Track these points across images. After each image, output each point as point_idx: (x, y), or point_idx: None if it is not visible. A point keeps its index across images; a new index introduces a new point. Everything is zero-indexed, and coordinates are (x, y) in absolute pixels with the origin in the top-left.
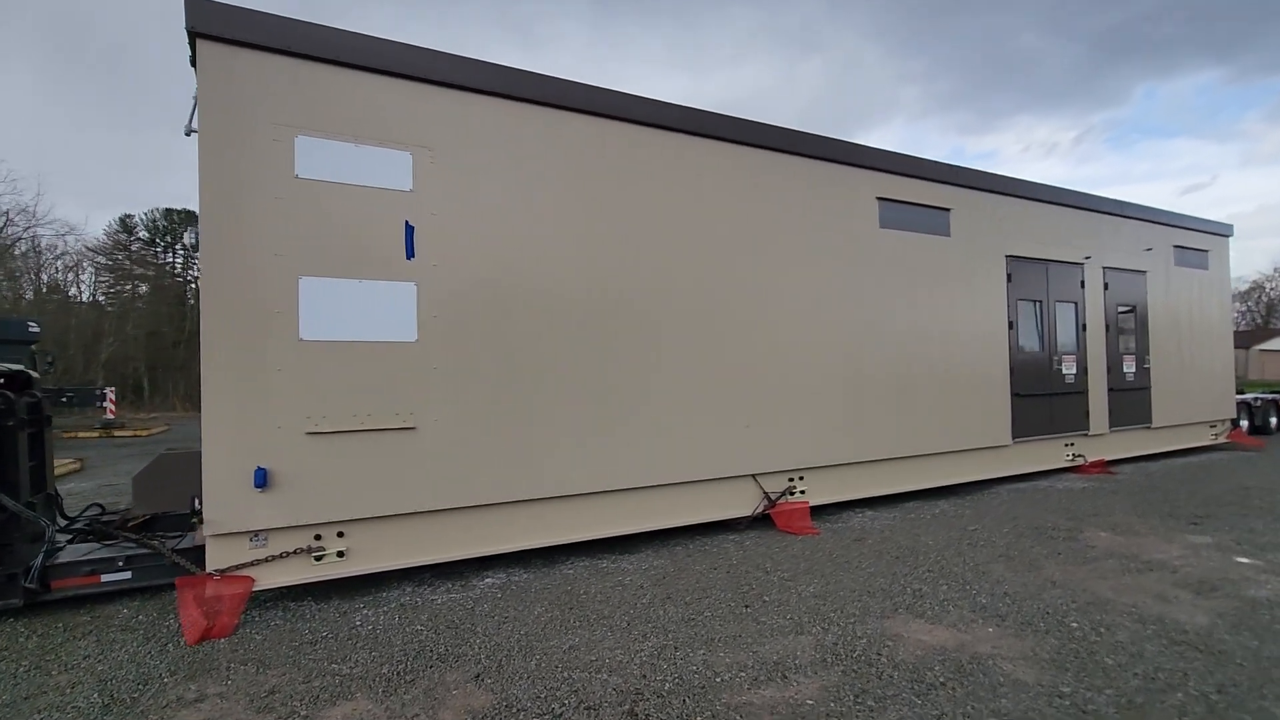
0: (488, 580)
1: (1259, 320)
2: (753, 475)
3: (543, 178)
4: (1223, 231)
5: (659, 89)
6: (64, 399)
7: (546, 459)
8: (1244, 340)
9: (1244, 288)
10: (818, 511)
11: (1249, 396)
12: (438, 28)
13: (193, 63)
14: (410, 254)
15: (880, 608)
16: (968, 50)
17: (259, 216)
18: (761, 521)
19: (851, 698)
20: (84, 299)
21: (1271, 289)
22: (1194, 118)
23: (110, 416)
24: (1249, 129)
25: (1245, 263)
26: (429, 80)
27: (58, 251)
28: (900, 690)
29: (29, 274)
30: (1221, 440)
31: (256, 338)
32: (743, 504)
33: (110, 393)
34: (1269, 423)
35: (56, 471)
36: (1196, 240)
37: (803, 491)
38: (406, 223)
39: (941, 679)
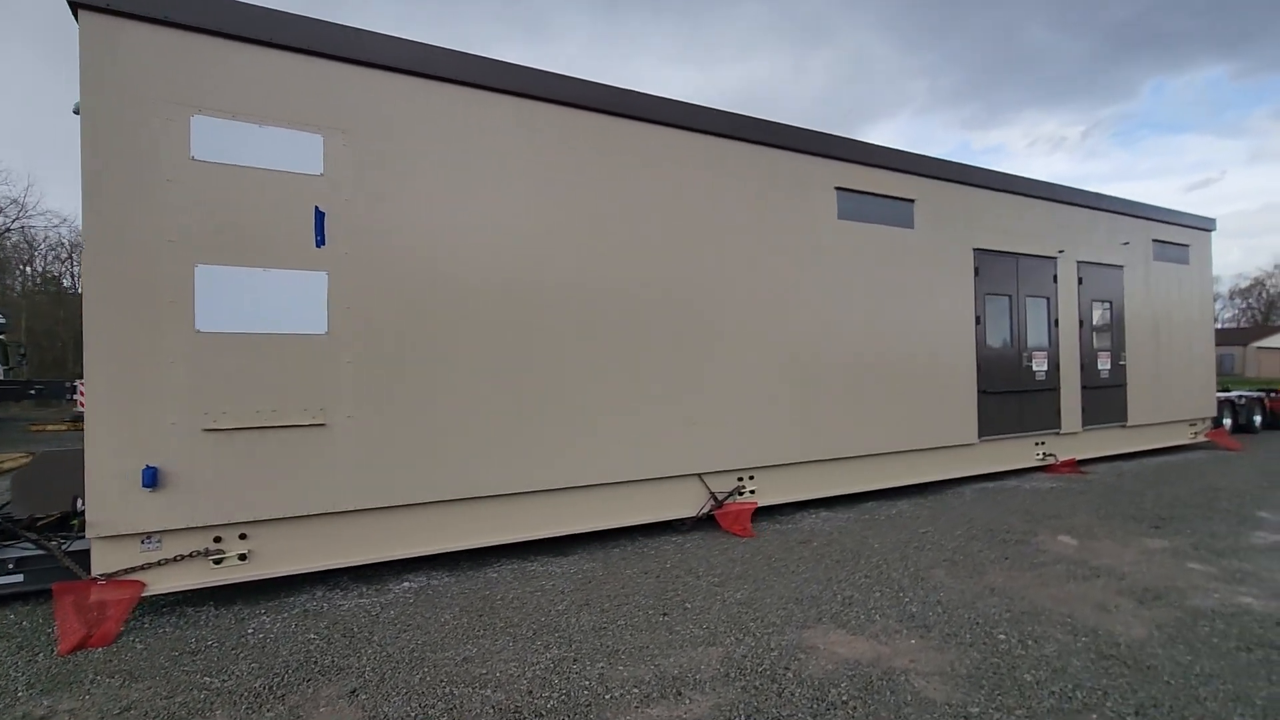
0: (405, 584)
1: (1258, 318)
2: (698, 475)
3: (466, 163)
4: (1204, 226)
5: (665, 83)
6: (33, 391)
7: (472, 458)
8: (1242, 337)
9: (1245, 284)
10: (770, 512)
11: (1233, 394)
12: (438, 23)
13: None
14: (321, 242)
15: (804, 616)
16: (976, 44)
17: (149, 201)
18: (708, 522)
19: (743, 718)
20: (76, 290)
21: (1272, 286)
22: (1202, 113)
23: (80, 409)
24: (1257, 125)
25: (1248, 260)
26: (341, 58)
27: (50, 243)
28: (797, 710)
29: (19, 265)
30: (1201, 439)
31: (146, 330)
32: (688, 504)
33: (80, 385)
34: (1253, 421)
35: (3, 465)
36: (1176, 234)
37: (752, 491)
38: (317, 209)
39: (845, 697)
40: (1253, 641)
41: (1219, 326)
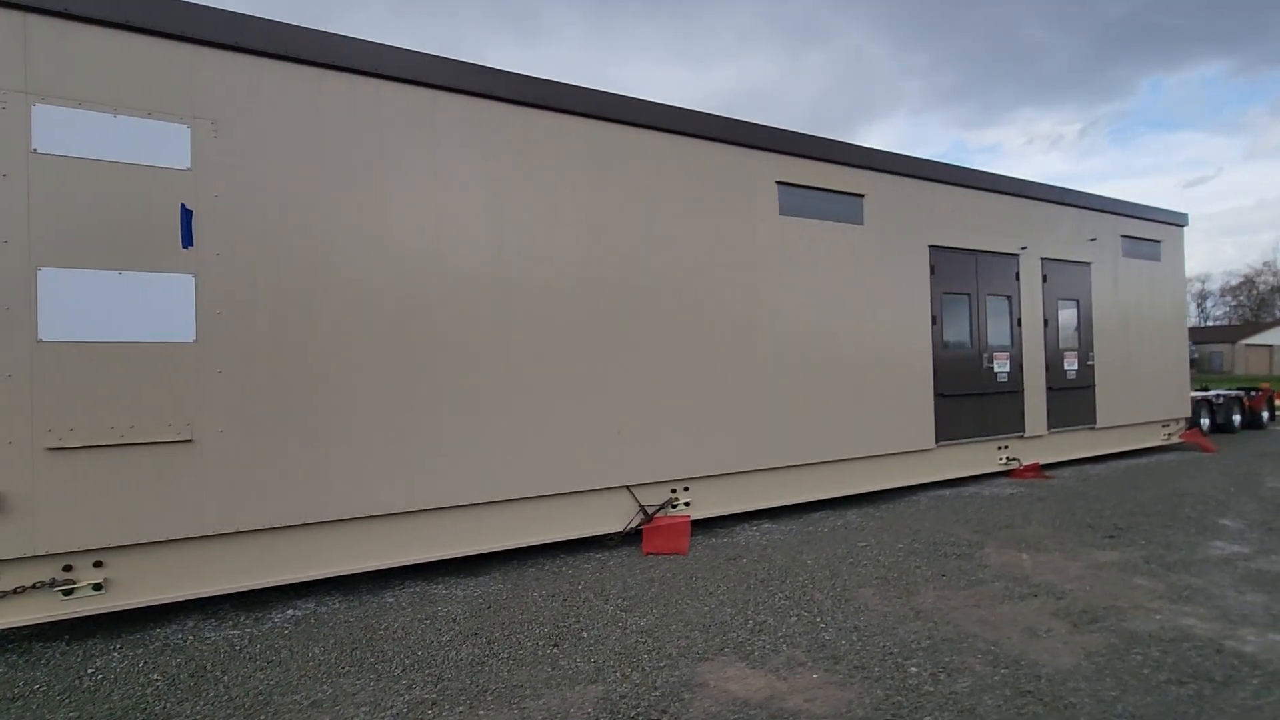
0: (290, 612)
1: (1248, 315)
2: (627, 487)
3: (357, 156)
4: (1176, 221)
5: (657, 85)
6: None
7: (366, 474)
8: (1230, 335)
9: (1235, 282)
10: (709, 525)
11: (1211, 393)
12: (429, 25)
13: None
14: (187, 242)
15: (706, 646)
16: (972, 42)
17: None
18: (638, 537)
19: None
20: None
21: (1262, 283)
22: (1199, 110)
23: None
24: (1254, 122)
25: (1242, 257)
26: (209, 42)
27: None
28: None
29: None
30: (1175, 440)
31: None
32: (616, 518)
33: None
34: (1232, 420)
35: None
36: (1147, 230)
37: (687, 504)
38: (183, 206)
39: None
40: (1187, 673)
41: (1209, 324)
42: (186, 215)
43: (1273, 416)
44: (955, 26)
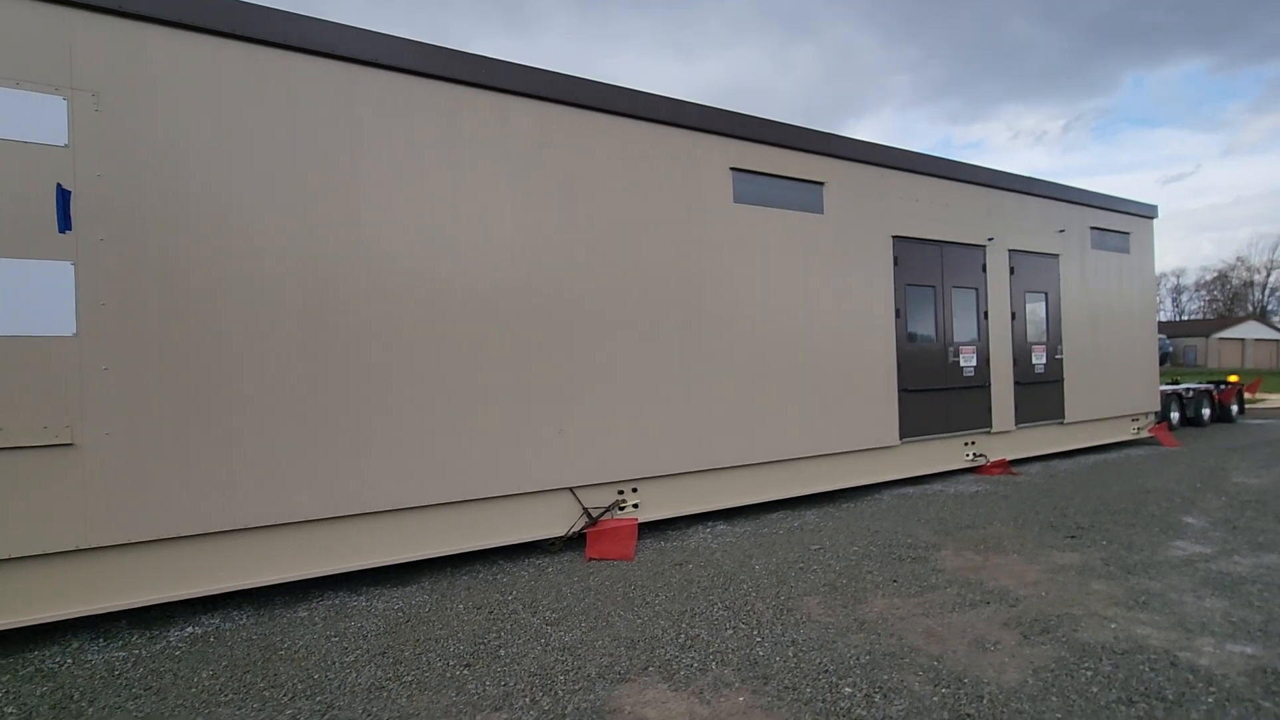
0: (190, 629)
1: (1223, 309)
2: (570, 489)
3: (258, 135)
4: (1145, 213)
5: (646, 76)
6: None
7: (276, 479)
8: (1204, 329)
9: (1210, 277)
10: (661, 527)
11: (1180, 387)
12: (414, 13)
13: None
14: (65, 225)
15: (629, 665)
16: (959, 37)
17: None
18: (584, 541)
19: None
20: None
21: (1235, 277)
22: (1179, 107)
23: None
24: (1233, 119)
25: (1219, 253)
26: (89, 5)
27: None
28: None
29: None
30: (1144, 435)
31: None
32: (558, 521)
33: None
34: (1201, 414)
35: None
36: (1116, 221)
37: (635, 506)
38: (59, 186)
39: None
40: (1137, 691)
41: (1184, 319)
42: (63, 196)
43: (1242, 410)
44: (943, 19)
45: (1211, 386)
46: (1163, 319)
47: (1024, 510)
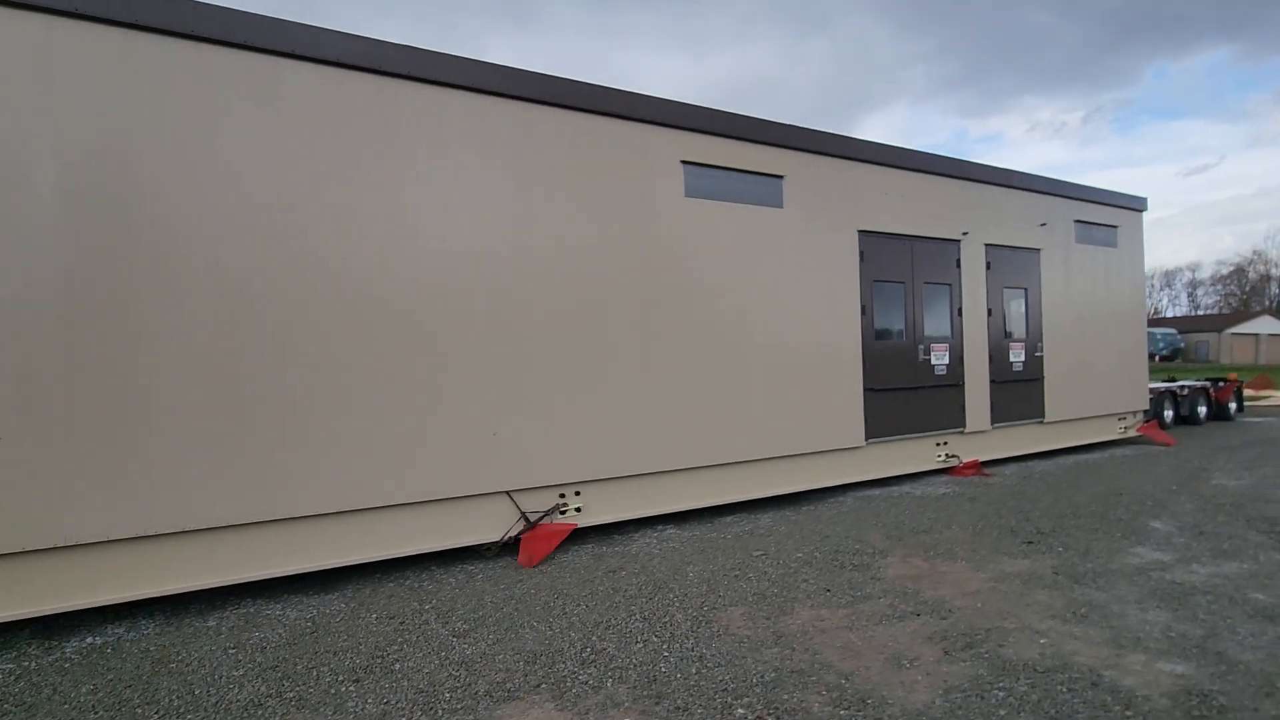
0: (90, 640)
1: (1237, 304)
2: (507, 492)
3: (172, 120)
4: (1134, 205)
5: (656, 73)
6: None
7: (189, 484)
8: (1217, 324)
9: (1226, 271)
10: (608, 531)
11: (1175, 384)
12: (426, 12)
13: None
14: None
15: (522, 682)
16: (975, 28)
17: None
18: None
19: None
20: None
21: (1253, 271)
22: (1203, 98)
23: None
24: (1257, 109)
25: (1239, 246)
26: None
27: None
28: None
29: None
30: (1132, 434)
31: None
32: (494, 526)
33: None
34: (1197, 413)
35: None
36: (1103, 215)
37: (577, 509)
38: None
39: None
40: (1047, 715)
41: (1199, 314)
42: None
43: (1240, 408)
44: (960, 10)
45: (1209, 384)
46: (1177, 314)
47: (987, 514)
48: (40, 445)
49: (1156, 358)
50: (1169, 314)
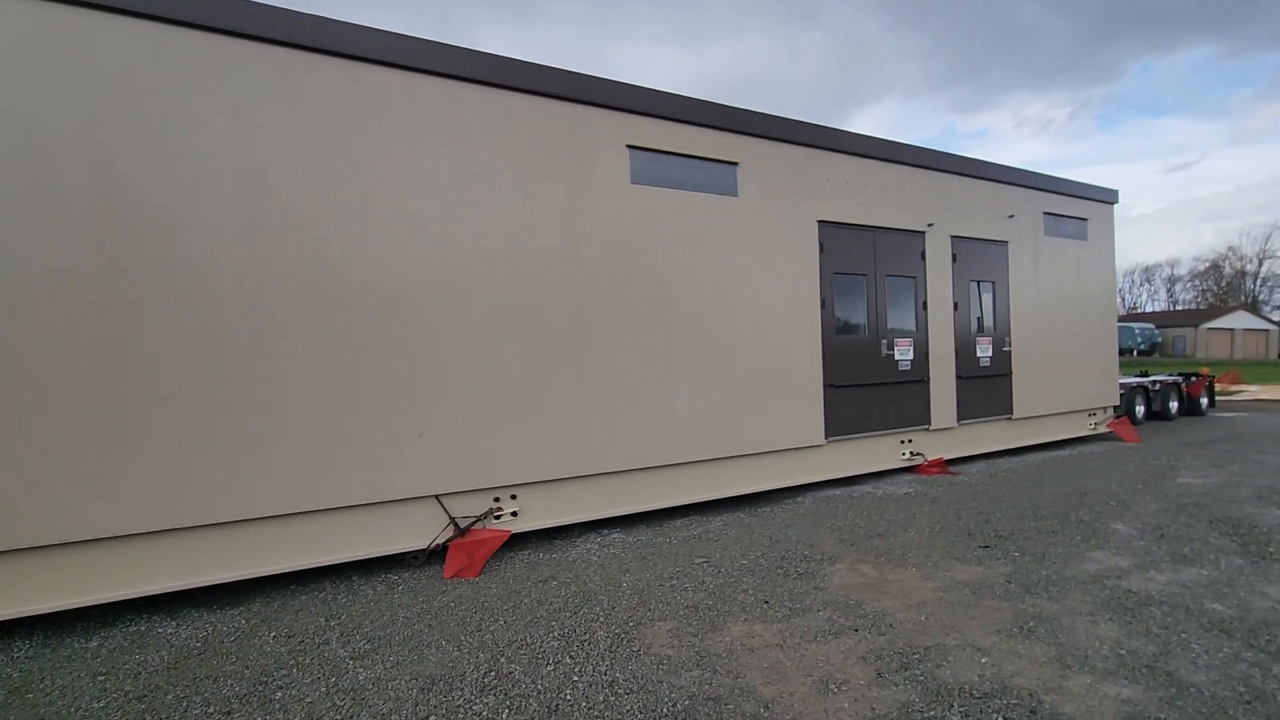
0: None
1: (1214, 300)
2: (436, 496)
3: (52, 86)
4: (1105, 198)
5: (654, 66)
6: None
7: (63, 495)
8: (1193, 319)
9: (1203, 267)
10: (550, 535)
11: (1148, 379)
12: (422, 4)
13: None
14: None
15: (410, 714)
16: (967, 23)
17: None
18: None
19: None
20: None
21: (1229, 267)
22: (1185, 95)
23: None
24: (1239, 107)
25: (1218, 243)
26: None
27: None
28: None
29: None
30: (1102, 430)
31: None
32: (422, 532)
33: None
34: (1169, 408)
35: None
36: (1073, 207)
37: (514, 514)
38: None
39: None
40: None
41: (1177, 309)
42: None
43: (1212, 403)
44: (953, 5)
45: (1180, 379)
46: (1156, 309)
47: (946, 515)
48: None
49: (1134, 352)
50: (1148, 309)
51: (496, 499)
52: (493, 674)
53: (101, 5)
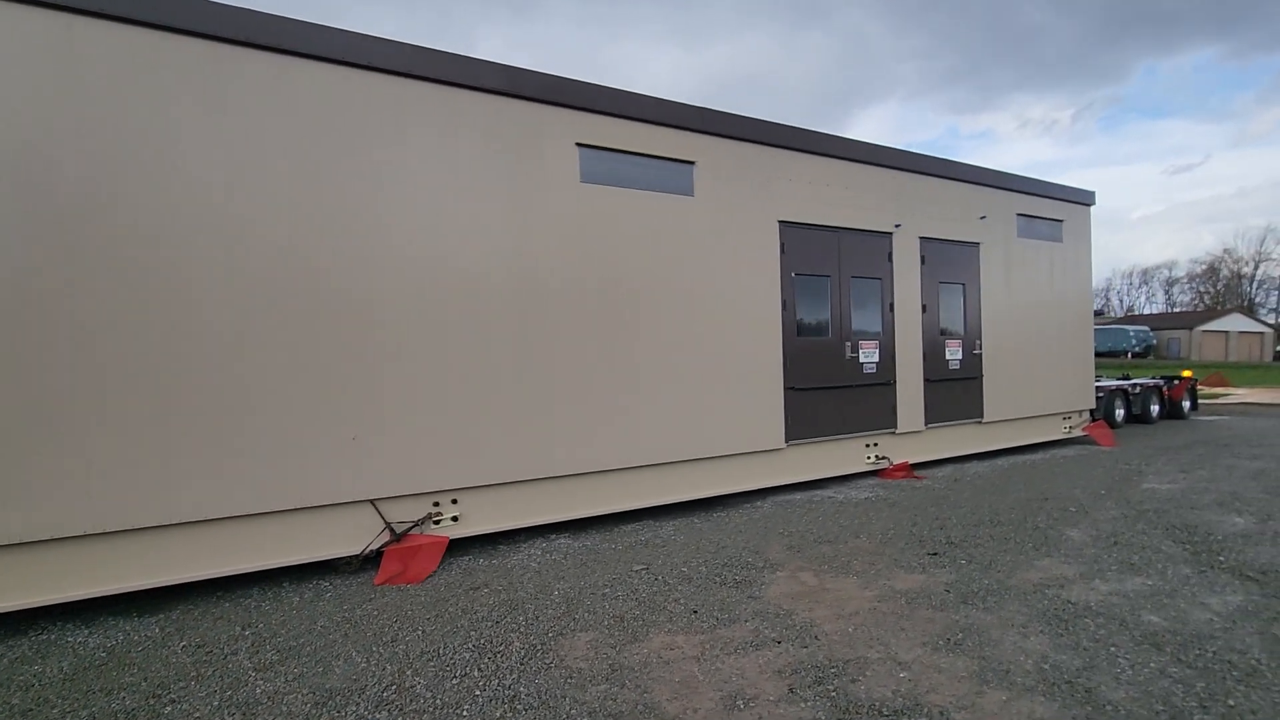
0: None
1: (1211, 303)
2: (371, 501)
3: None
4: (1081, 199)
5: (652, 65)
6: None
7: None
8: (1188, 321)
9: (1200, 269)
10: (493, 540)
11: (1128, 382)
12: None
13: None
14: None
15: None
16: (970, 23)
17: None
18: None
19: None
20: None
21: (1225, 269)
22: (1188, 97)
23: None
24: (1242, 109)
25: (1216, 246)
26: None
27: None
28: None
29: None
30: (1077, 434)
31: None
32: (357, 538)
33: None
34: (1150, 411)
35: None
36: (1047, 208)
37: (454, 519)
38: None
39: None
40: None
41: (1174, 310)
42: None
43: (1194, 405)
44: (957, 4)
45: (1162, 381)
46: (1153, 311)
47: (902, 521)
48: None
49: (1129, 354)
50: (1145, 311)
51: (436, 504)
52: (394, 688)
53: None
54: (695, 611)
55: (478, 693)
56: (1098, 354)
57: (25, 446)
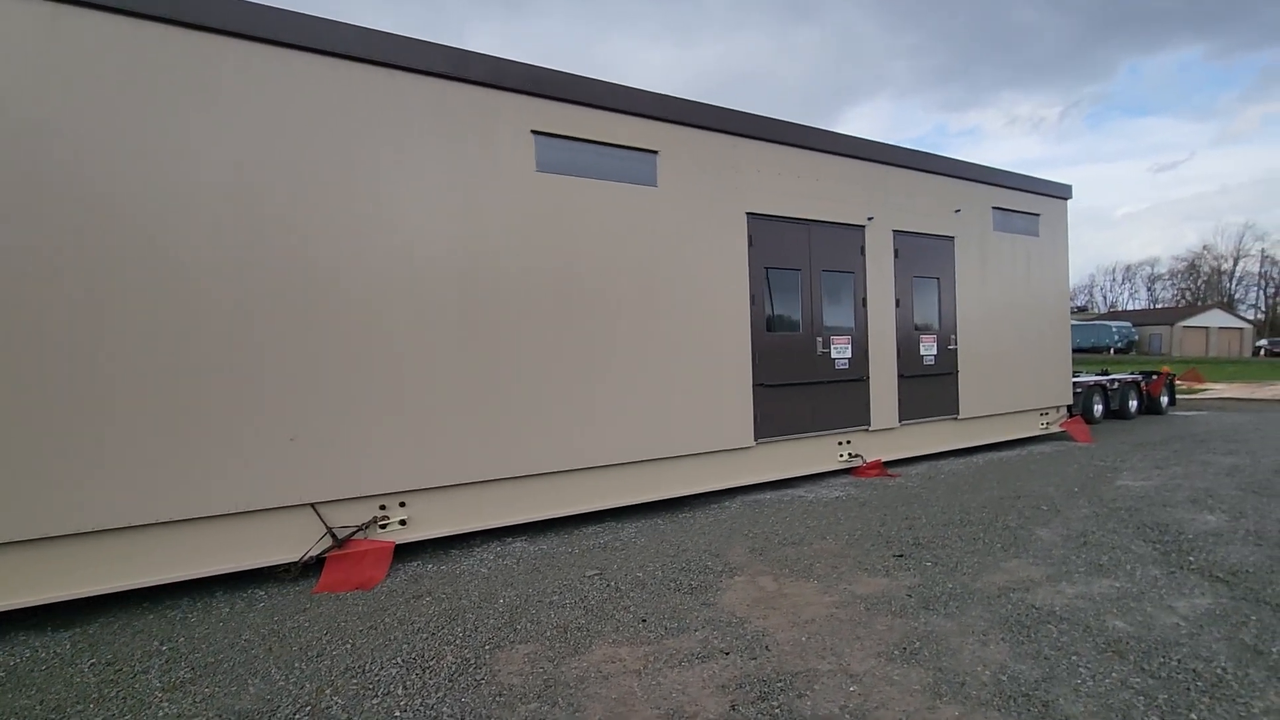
0: None
1: (1192, 299)
2: (311, 505)
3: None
4: (1058, 193)
5: (646, 62)
6: None
7: None
8: (1169, 317)
9: (1182, 266)
10: (447, 544)
11: (1106, 378)
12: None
13: None
14: None
15: None
16: (961, 21)
17: None
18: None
19: None
20: None
21: (1204, 266)
22: (1173, 95)
23: None
24: (1226, 108)
25: (1197, 244)
26: None
27: None
28: None
29: None
30: (1054, 430)
31: None
32: (297, 543)
33: None
34: (1128, 406)
35: None
36: (1024, 202)
37: (401, 522)
38: None
39: None
40: None
41: (1156, 307)
42: None
43: (1173, 401)
44: (946, 2)
45: (1140, 377)
46: (1135, 307)
47: (871, 521)
48: None
49: (1111, 350)
50: (1128, 307)
51: (383, 506)
52: (309, 709)
53: None
54: (644, 620)
55: (398, 713)
56: (1080, 350)
57: None
